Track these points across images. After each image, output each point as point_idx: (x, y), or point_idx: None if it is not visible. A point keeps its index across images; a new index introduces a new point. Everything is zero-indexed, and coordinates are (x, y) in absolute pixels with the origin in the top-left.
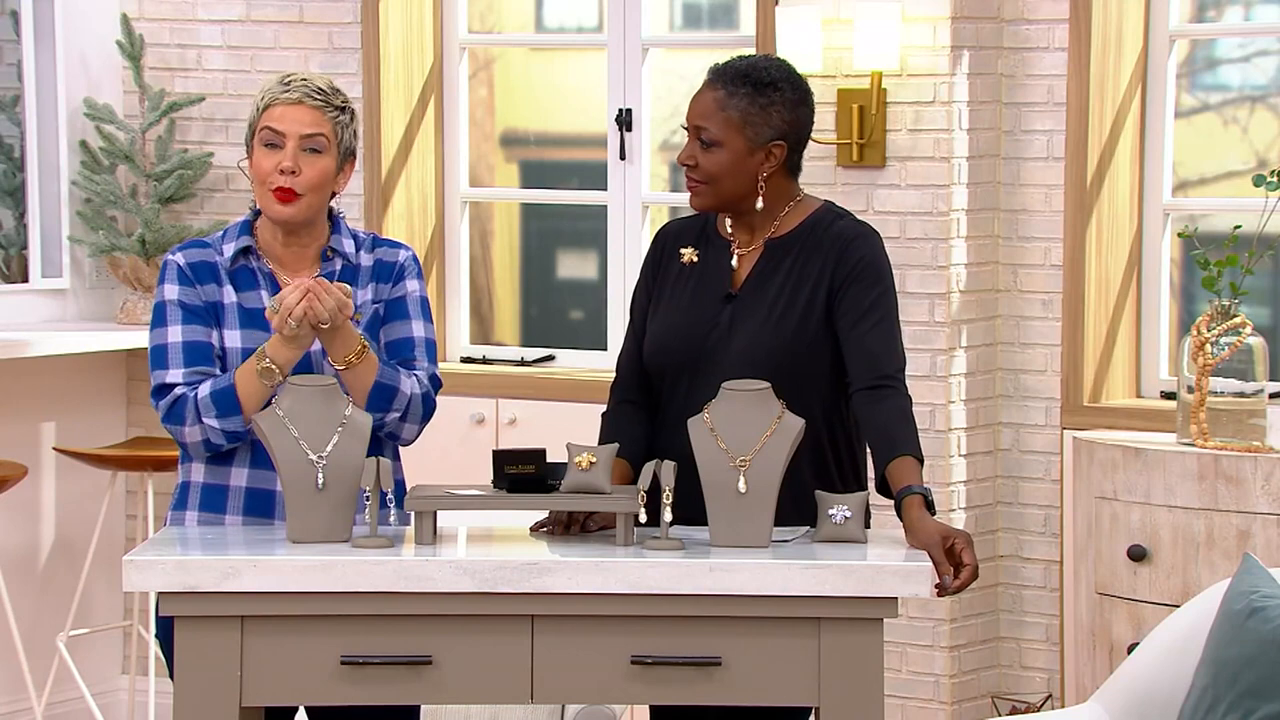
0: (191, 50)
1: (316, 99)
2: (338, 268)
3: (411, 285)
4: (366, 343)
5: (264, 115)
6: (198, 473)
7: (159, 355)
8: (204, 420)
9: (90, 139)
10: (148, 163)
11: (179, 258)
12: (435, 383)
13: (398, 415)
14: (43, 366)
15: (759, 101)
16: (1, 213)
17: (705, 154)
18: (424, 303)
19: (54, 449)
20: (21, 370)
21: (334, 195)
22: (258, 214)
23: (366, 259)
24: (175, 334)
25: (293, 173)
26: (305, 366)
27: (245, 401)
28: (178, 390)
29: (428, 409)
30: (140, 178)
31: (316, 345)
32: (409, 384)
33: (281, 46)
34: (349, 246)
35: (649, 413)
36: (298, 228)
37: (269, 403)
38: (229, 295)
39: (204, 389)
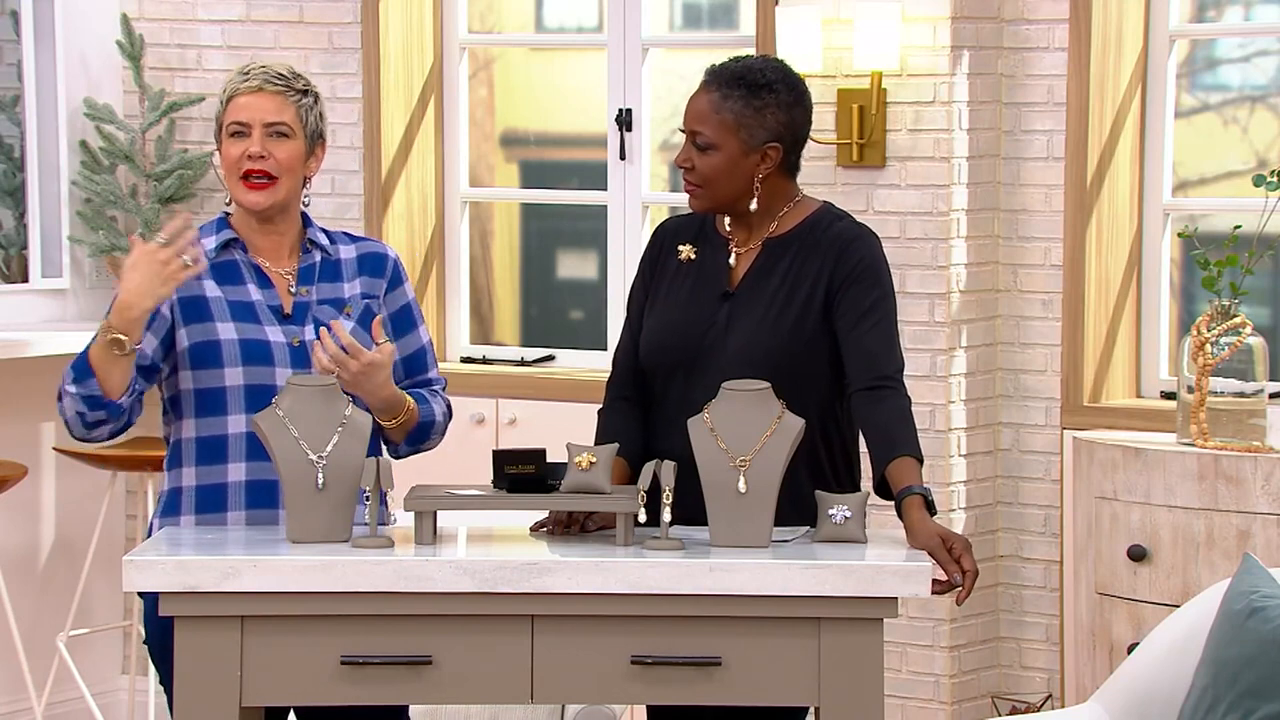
0: (191, 50)
1: (277, 84)
2: (317, 260)
3: (409, 290)
4: (408, 396)
5: (228, 107)
6: (189, 476)
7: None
8: (65, 388)
9: (90, 139)
10: (148, 163)
11: None
12: (445, 388)
13: (431, 440)
14: (43, 366)
15: (754, 104)
16: (1, 213)
17: (701, 157)
18: (417, 304)
19: (54, 449)
20: (21, 370)
21: (307, 181)
22: (228, 211)
23: (347, 252)
24: None
25: (261, 157)
26: (303, 360)
27: (98, 368)
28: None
29: (450, 417)
30: (140, 178)
31: (280, 337)
32: (439, 410)
33: (281, 46)
34: (324, 240)
35: (644, 409)
36: (274, 214)
37: (269, 403)
38: (211, 289)
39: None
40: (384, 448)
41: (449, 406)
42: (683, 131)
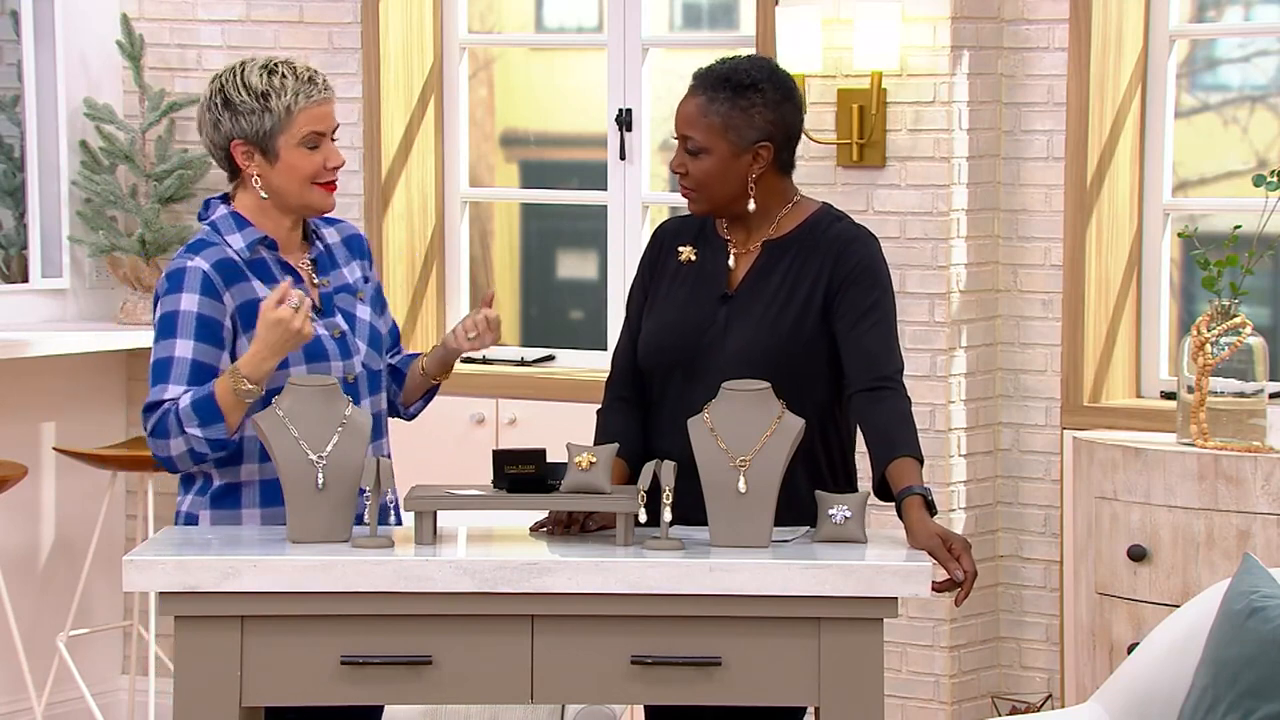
0: (191, 50)
1: (331, 90)
2: (321, 249)
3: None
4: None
5: (297, 119)
6: (251, 472)
7: (163, 368)
8: (187, 430)
9: (90, 139)
10: (148, 163)
11: (201, 262)
12: None
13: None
14: (43, 366)
15: (740, 105)
16: (1, 213)
17: (693, 161)
18: None
19: (54, 449)
20: (21, 370)
21: None
22: (224, 197)
23: (332, 235)
24: (185, 349)
25: (340, 166)
26: (346, 351)
27: (227, 413)
28: (165, 405)
29: None
30: (140, 178)
31: (324, 330)
32: None
33: (281, 46)
34: (314, 225)
35: (643, 410)
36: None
37: (268, 403)
38: (263, 291)
39: (185, 399)
40: (399, 415)
41: None
42: (674, 138)
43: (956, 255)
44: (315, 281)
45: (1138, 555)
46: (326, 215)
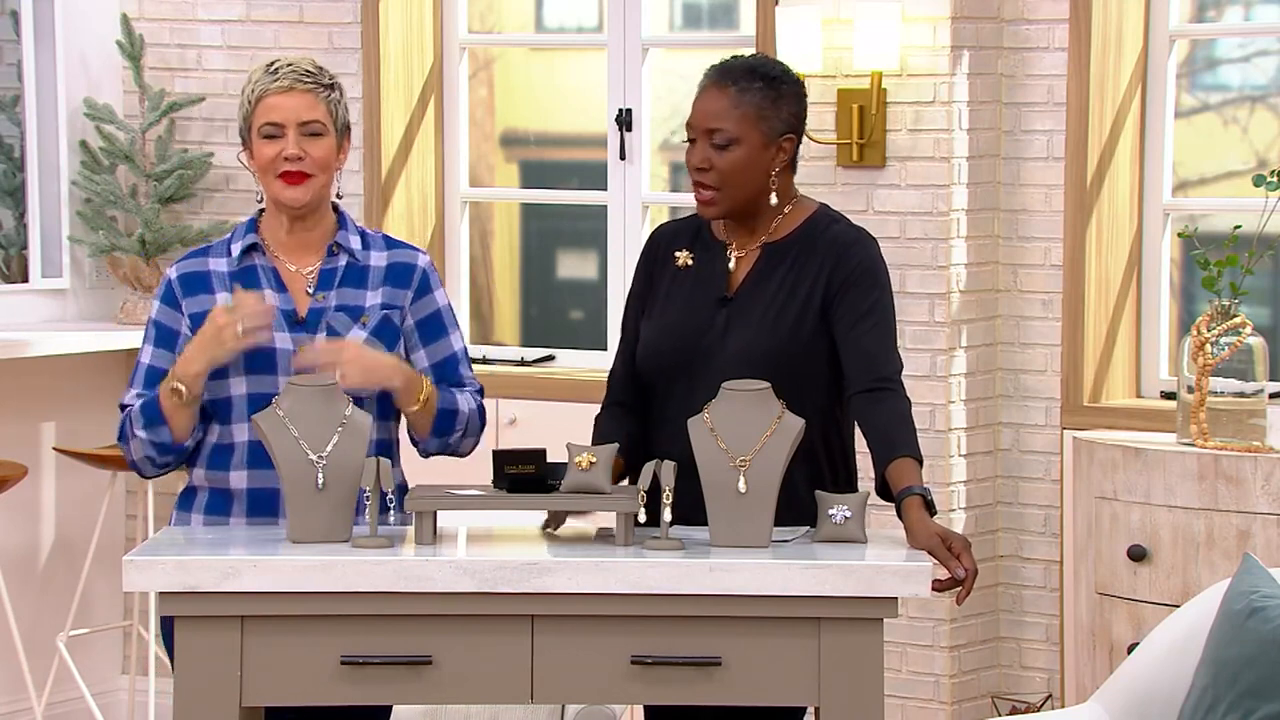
0: (191, 50)
1: (307, 82)
2: (342, 264)
3: (440, 297)
4: (426, 377)
5: (258, 108)
6: (200, 478)
7: (133, 372)
8: (137, 433)
9: (90, 139)
10: (148, 163)
11: (173, 271)
12: (480, 393)
13: (460, 434)
14: (43, 366)
15: (770, 95)
16: (1, 213)
17: (721, 155)
18: (451, 310)
19: (54, 449)
20: (21, 370)
21: (337, 171)
22: (261, 211)
23: (378, 259)
24: (147, 355)
25: (299, 158)
26: (264, 364)
27: (168, 416)
28: (125, 410)
29: (482, 421)
30: (140, 178)
31: (295, 345)
32: (465, 402)
33: (281, 46)
34: (355, 243)
35: (640, 414)
36: (306, 212)
37: (269, 404)
38: (224, 300)
39: (138, 403)
40: (415, 448)
41: (481, 409)
42: (689, 140)
43: (956, 255)
44: (309, 292)
45: (1138, 555)
46: (397, 239)
